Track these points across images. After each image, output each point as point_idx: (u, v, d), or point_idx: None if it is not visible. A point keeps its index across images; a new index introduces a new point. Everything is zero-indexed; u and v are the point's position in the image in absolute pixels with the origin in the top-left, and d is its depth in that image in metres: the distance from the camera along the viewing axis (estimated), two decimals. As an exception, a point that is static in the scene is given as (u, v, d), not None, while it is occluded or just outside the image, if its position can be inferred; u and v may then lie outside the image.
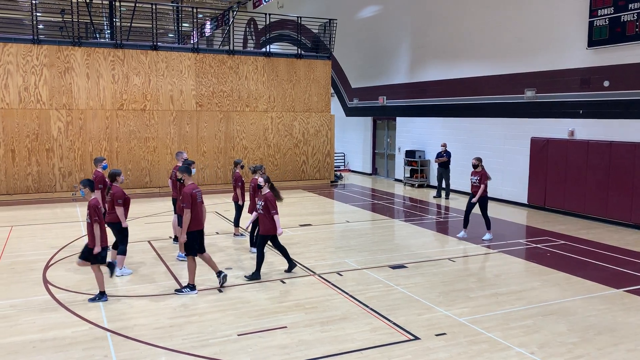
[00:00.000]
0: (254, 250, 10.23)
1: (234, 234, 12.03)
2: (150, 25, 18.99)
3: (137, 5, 19.83)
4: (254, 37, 31.98)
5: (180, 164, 11.00)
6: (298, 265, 9.84)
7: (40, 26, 22.66)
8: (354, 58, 25.30)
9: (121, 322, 7.13)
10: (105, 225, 8.18)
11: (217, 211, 15.25)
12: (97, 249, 7.71)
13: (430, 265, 10.00)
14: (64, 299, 8.00)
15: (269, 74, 20.21)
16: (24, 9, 21.44)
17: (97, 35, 24.61)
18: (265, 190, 9.01)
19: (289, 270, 9.34)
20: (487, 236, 12.02)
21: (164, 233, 12.28)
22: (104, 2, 23.18)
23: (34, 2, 17.65)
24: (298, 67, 20.72)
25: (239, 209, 11.88)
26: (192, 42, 26.45)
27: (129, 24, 21.59)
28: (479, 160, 11.99)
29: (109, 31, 24.88)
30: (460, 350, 6.34)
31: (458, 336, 6.74)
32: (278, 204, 9.03)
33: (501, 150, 17.12)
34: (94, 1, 22.18)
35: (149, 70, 18.30)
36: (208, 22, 32.16)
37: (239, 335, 6.77)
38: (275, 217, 8.86)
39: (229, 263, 9.99)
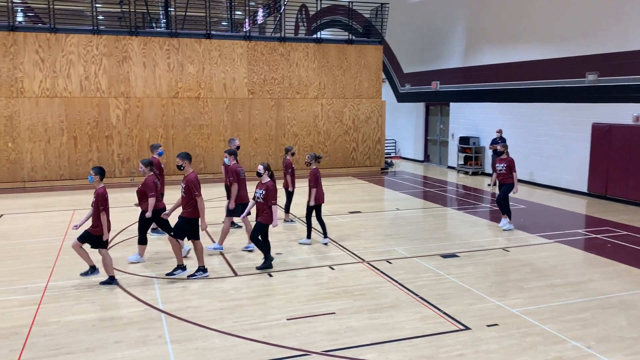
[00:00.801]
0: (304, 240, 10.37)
1: (284, 220, 12.14)
2: (204, 14, 19.27)
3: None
4: (305, 24, 31.97)
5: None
6: (346, 252, 9.84)
7: (100, 17, 23.46)
8: (406, 42, 24.87)
9: (175, 304, 7.35)
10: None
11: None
12: (106, 236, 7.86)
13: (483, 254, 9.78)
14: (122, 280, 8.32)
15: (320, 61, 20.16)
16: (85, 0, 22.24)
17: (154, 25, 25.26)
18: (266, 178, 8.72)
19: (261, 267, 8.78)
20: (504, 224, 11.57)
21: (217, 218, 12.52)
22: (159, -8, 23.73)
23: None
24: (349, 52, 20.56)
25: (289, 196, 12.02)
26: (244, 30, 26.72)
27: (183, 13, 22.03)
28: (505, 147, 11.49)
29: (164, 20, 25.47)
30: (512, 342, 6.18)
31: (510, 327, 6.57)
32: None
33: (560, 136, 16.46)
34: (150, -9, 22.76)
35: (202, 59, 18.63)
36: (260, 10, 32.38)
37: (287, 319, 6.85)
38: (274, 208, 8.59)
39: (280, 248, 10.10)
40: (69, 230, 11.46)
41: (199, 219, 8.29)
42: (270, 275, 8.55)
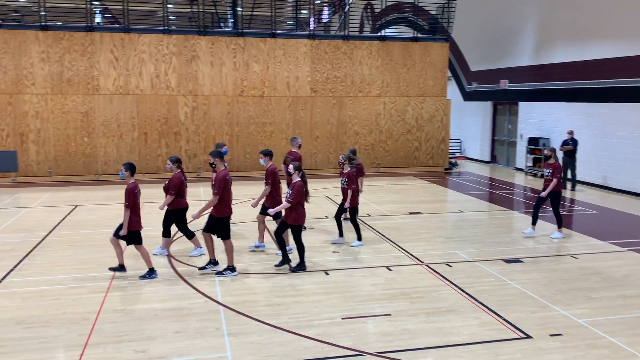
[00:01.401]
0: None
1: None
2: (270, 14, 19.56)
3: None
4: (370, 22, 31.79)
5: (295, 149, 11.26)
6: (404, 253, 9.70)
7: (172, 17, 24.33)
8: (473, 40, 24.21)
9: (233, 298, 7.51)
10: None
11: (328, 195, 15.47)
12: (123, 232, 7.97)
13: (549, 260, 9.37)
14: (184, 272, 8.60)
15: (383, 59, 19.98)
16: (157, 0, 23.16)
17: (222, 25, 25.92)
18: (296, 178, 8.58)
19: (280, 264, 8.75)
20: (556, 234, 10.90)
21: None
22: (228, -8, 24.30)
23: (165, -5, 18.97)
24: (413, 50, 20.26)
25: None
26: (309, 28, 26.90)
27: (250, 13, 22.46)
28: (553, 151, 10.75)
29: (231, 20, 26.07)
30: (576, 354, 5.87)
31: (575, 338, 6.25)
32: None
33: (636, 138, 15.49)
34: (218, -8, 23.36)
35: (267, 58, 18.92)
36: (326, 8, 32.50)
37: (343, 318, 6.84)
38: (285, 204, 8.46)
39: (336, 246, 10.10)
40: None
41: (228, 217, 8.35)
42: (327, 274, 8.56)
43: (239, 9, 21.03)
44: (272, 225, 10.45)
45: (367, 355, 5.86)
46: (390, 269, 8.82)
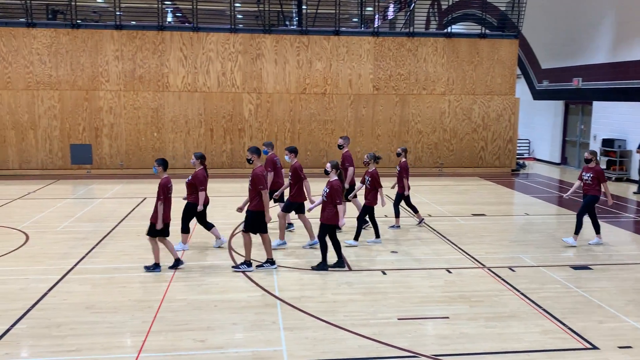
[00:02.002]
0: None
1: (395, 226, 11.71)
2: (335, 11, 19.59)
3: (322, -8, 20.61)
4: (437, 18, 31.20)
5: (344, 147, 11.15)
6: (466, 256, 9.47)
7: (239, 16, 24.86)
8: (545, 36, 23.22)
9: (290, 293, 7.59)
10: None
11: (388, 194, 15.31)
12: (159, 225, 8.10)
13: (621, 269, 8.86)
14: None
15: (449, 56, 19.56)
16: (225, 0, 23.73)
17: (287, 23, 26.22)
18: (333, 177, 8.48)
19: (335, 266, 8.60)
20: (595, 240, 10.25)
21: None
22: (293, -9, 24.56)
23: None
24: (481, 47, 19.70)
25: (400, 198, 11.53)
26: (374, 26, 26.73)
27: (315, 11, 22.58)
28: (594, 154, 10.05)
29: (296, 18, 26.31)
30: (649, 370, 5.53)
31: (648, 353, 5.88)
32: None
33: None
34: (284, -10, 23.64)
35: (330, 55, 18.97)
36: (391, 5, 32.18)
37: (399, 319, 6.75)
38: (340, 207, 8.33)
39: (394, 247, 9.99)
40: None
41: (265, 212, 8.27)
42: (384, 273, 8.49)
43: (304, 7, 21.20)
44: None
45: (423, 358, 5.76)
46: (450, 271, 8.62)
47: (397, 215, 11.46)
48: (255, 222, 8.29)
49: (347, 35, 19.22)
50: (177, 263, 8.52)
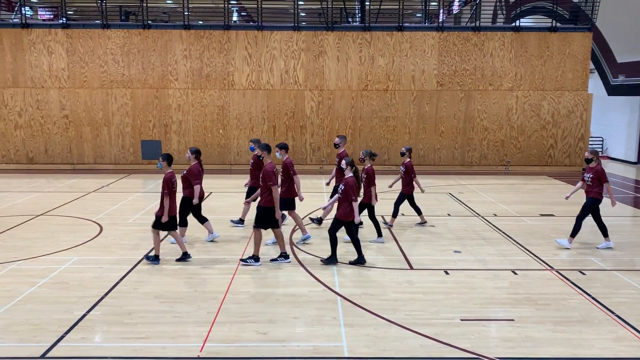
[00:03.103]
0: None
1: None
2: (398, 7, 19.38)
3: (386, -13, 20.43)
4: (504, 12, 30.23)
5: (340, 146, 10.92)
6: (532, 257, 9.14)
7: (302, 14, 25.07)
8: (621, 28, 21.97)
9: (351, 289, 7.60)
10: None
11: (451, 192, 15.04)
12: (164, 218, 8.31)
13: None
14: (304, 259, 8.87)
15: (517, 50, 18.89)
16: (289, -1, 23.99)
17: (350, 20, 26.19)
18: (348, 173, 8.47)
19: (355, 262, 8.62)
20: (603, 244, 9.71)
21: (389, 210, 12.58)
22: (356, -13, 24.49)
23: (297, -8, 19.60)
24: (551, 41, 18.90)
25: (403, 198, 11.17)
26: (438, 20, 26.22)
27: (378, 7, 22.43)
28: (595, 153, 9.54)
29: (359, 15, 26.23)
30: None
31: None
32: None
33: None
34: (347, -13, 23.60)
35: (393, 51, 18.79)
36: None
37: (461, 320, 6.62)
38: (354, 204, 8.31)
39: (457, 246, 9.80)
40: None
41: (275, 207, 8.34)
42: (447, 273, 8.34)
43: (366, 3, 21.10)
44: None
45: (486, 360, 5.63)
46: (515, 273, 8.36)
47: (394, 214, 11.13)
48: (265, 217, 8.41)
49: (411, 30, 18.96)
50: (185, 256, 8.74)
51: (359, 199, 8.66)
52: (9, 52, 18.52)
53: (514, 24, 20.33)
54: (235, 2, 25.71)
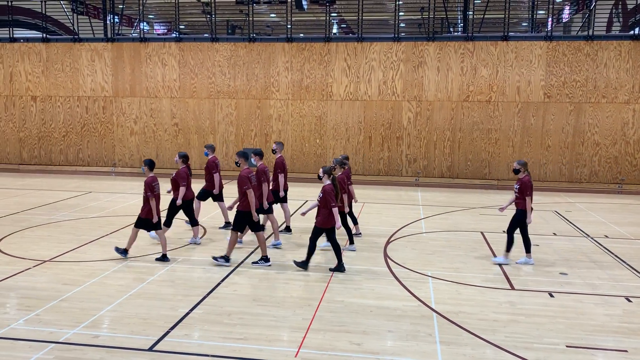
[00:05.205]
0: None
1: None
2: (503, 16, 18.74)
3: (490, -4, 19.81)
4: (620, 19, 28.21)
5: (277, 152, 11.18)
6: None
7: (402, 24, 24.98)
8: None
9: (448, 306, 7.39)
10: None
11: (557, 210, 14.20)
12: (155, 219, 8.98)
13: None
14: (399, 273, 8.76)
15: (635, 60, 17.52)
16: (389, 10, 23.98)
17: (451, 30, 25.71)
18: (326, 181, 8.68)
19: (335, 269, 8.74)
20: (523, 259, 9.39)
21: (498, 227, 12.11)
22: (459, -3, 24.00)
23: (398, 2, 19.57)
24: (676, 50, 17.35)
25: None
26: (546, 29, 25.03)
27: (481, 16, 21.83)
28: (522, 164, 9.30)
29: (461, 24, 25.67)
30: None
31: None
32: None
33: None
34: (450, -3, 23.19)
35: (497, 62, 18.15)
36: (567, 7, 29.86)
37: (567, 346, 6.21)
38: (334, 210, 8.50)
39: (564, 268, 9.21)
40: (358, 219, 12.57)
41: (251, 211, 8.74)
42: (552, 296, 7.86)
43: (469, 12, 20.60)
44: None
45: (596, 393, 5.22)
46: (630, 300, 7.71)
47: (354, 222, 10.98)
48: (242, 221, 8.86)
49: (517, 40, 18.23)
50: (164, 258, 9.15)
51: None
52: (128, 64, 20.13)
53: (632, 32, 18.92)
54: (335, 15, 26.14)
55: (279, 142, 11.60)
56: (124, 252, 9.27)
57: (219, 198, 11.41)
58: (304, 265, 8.86)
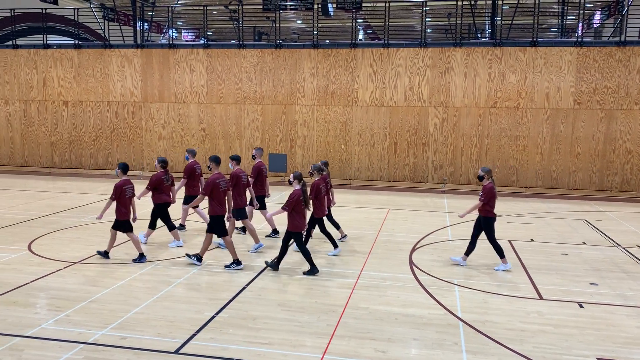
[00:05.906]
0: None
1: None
2: (532, 21, 18.49)
3: (519, 2, 19.61)
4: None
5: (257, 158, 11.57)
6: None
7: (428, 30, 24.86)
8: None
9: (474, 315, 7.29)
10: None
11: (587, 219, 13.90)
12: (99, 217, 9.35)
13: None
14: (425, 281, 8.68)
15: (670, 66, 17.11)
16: (415, 16, 23.88)
17: (479, 35, 25.48)
18: (296, 186, 8.83)
19: (309, 273, 8.86)
20: (501, 266, 9.37)
21: (526, 235, 11.92)
22: (487, 2, 23.78)
23: (425, 8, 19.49)
24: None
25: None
26: (576, 35, 24.67)
27: (510, 22, 21.59)
28: (486, 171, 9.34)
29: (489, 30, 25.43)
30: None
31: None
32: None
33: None
34: (478, 2, 23.01)
35: (525, 68, 17.92)
36: (598, 12, 29.31)
37: (598, 359, 6.07)
38: (280, 210, 8.80)
39: (594, 278, 9.00)
40: (383, 226, 12.51)
41: (222, 215, 9.11)
42: (581, 307, 7.70)
43: (497, 18, 20.39)
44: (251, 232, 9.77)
45: (628, 407, 5.08)
46: (663, 313, 7.50)
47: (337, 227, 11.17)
48: (215, 225, 9.10)
49: (546, 46, 17.97)
50: (141, 257, 9.39)
51: (309, 213, 9.32)
52: (157, 70, 20.47)
53: (666, 37, 18.48)
54: (361, 21, 26.16)
55: (259, 148, 11.94)
56: (105, 254, 9.56)
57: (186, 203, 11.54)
58: (274, 266, 9.08)
